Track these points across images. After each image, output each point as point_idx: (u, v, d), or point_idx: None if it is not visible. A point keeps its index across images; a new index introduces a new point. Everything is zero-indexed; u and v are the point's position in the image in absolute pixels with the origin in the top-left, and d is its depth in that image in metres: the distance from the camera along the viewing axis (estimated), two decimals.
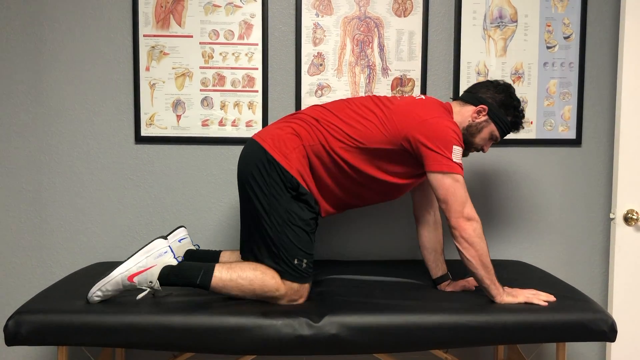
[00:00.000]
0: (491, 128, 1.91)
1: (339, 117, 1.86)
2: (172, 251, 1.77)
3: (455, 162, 1.74)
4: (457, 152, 1.75)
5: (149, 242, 1.76)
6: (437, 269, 2.01)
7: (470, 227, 1.73)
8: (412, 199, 2.10)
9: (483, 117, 1.90)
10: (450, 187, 1.74)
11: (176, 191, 2.33)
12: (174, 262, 1.75)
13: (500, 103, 1.90)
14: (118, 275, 1.71)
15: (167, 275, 1.73)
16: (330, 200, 1.90)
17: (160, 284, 1.73)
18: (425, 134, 1.76)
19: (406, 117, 1.81)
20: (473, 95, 1.92)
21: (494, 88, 1.92)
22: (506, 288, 1.79)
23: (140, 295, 1.72)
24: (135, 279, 1.72)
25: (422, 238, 2.04)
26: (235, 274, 1.75)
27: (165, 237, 1.80)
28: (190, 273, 1.74)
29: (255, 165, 1.80)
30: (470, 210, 1.74)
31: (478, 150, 1.96)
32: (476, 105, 1.90)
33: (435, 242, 2.03)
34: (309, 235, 1.79)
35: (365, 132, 1.82)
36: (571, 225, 2.42)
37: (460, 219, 1.73)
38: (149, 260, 1.73)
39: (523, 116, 1.95)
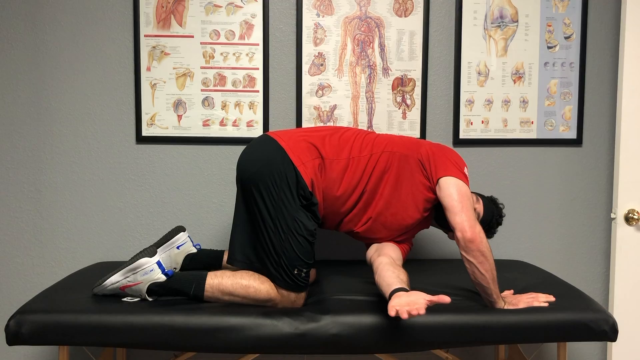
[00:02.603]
0: (479, 206, 1.98)
1: (357, 130, 1.92)
2: (160, 267, 1.72)
3: (466, 178, 1.79)
4: (467, 173, 1.82)
5: (134, 261, 1.70)
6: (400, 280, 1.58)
7: (484, 239, 1.67)
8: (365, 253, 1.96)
9: (475, 198, 1.98)
10: (466, 197, 1.74)
11: (177, 191, 2.33)
12: (163, 278, 1.71)
13: (490, 201, 2.05)
14: (111, 285, 1.73)
15: (157, 291, 1.72)
16: (329, 218, 1.89)
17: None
18: (437, 151, 1.85)
19: (417, 143, 1.90)
20: None
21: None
22: (505, 295, 1.78)
23: (127, 299, 1.74)
24: (127, 290, 1.73)
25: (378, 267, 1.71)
26: (227, 289, 1.71)
27: (152, 253, 1.72)
28: (181, 288, 1.72)
29: (269, 164, 1.72)
30: (479, 224, 1.71)
31: None
32: None
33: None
34: (311, 245, 1.74)
35: (389, 138, 1.89)
36: (572, 225, 2.42)
37: (476, 231, 1.67)
38: (136, 277, 1.71)
39: (500, 220, 2.05)
